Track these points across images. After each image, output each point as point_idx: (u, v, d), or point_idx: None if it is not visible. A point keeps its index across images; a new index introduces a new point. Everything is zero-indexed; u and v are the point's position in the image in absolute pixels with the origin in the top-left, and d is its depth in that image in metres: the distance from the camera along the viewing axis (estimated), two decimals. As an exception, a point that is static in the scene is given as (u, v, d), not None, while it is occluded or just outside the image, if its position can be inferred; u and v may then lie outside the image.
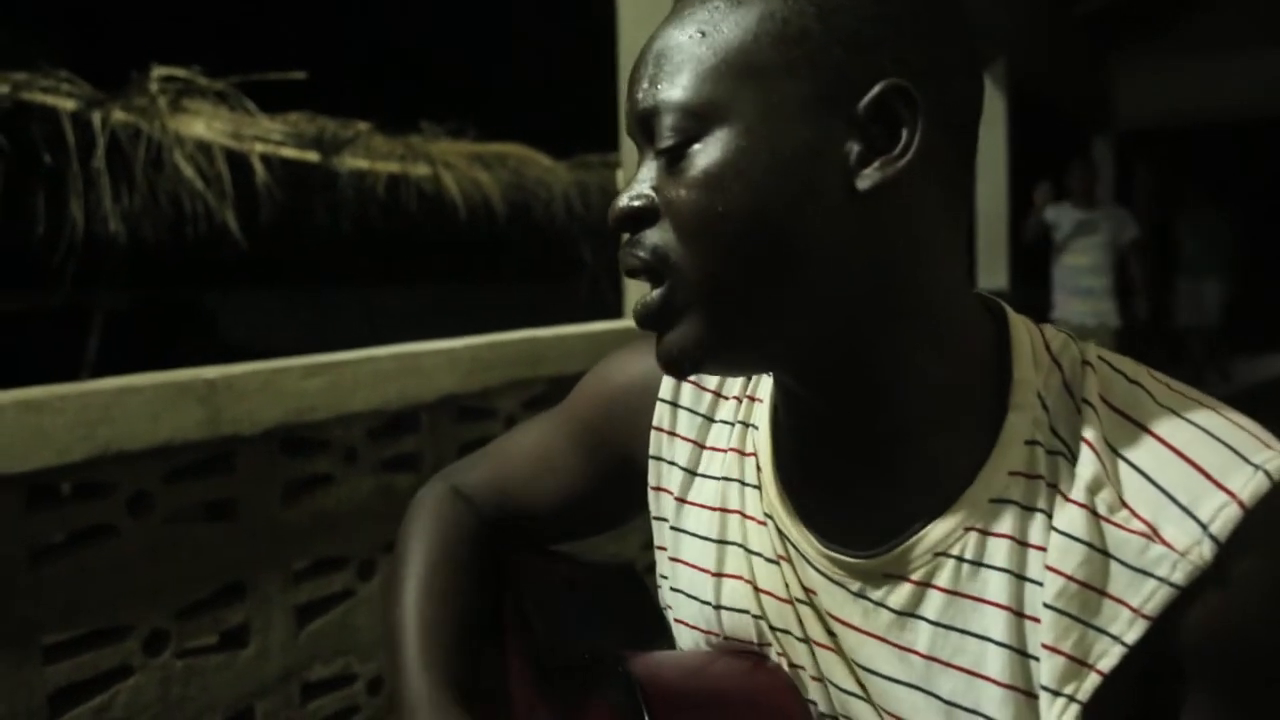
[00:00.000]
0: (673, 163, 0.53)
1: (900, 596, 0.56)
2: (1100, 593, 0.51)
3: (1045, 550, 0.53)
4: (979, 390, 0.55)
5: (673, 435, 0.70)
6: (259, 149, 3.87)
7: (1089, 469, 0.52)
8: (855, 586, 0.58)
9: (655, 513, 0.72)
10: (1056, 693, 0.52)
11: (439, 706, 0.64)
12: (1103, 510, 0.52)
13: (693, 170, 0.52)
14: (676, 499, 0.69)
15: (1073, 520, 0.52)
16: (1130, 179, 8.88)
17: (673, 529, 0.70)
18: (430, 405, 1.63)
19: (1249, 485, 0.49)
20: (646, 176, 0.55)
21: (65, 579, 1.16)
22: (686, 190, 0.52)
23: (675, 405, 0.70)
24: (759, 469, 0.64)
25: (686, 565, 0.68)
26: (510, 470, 0.77)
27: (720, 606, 0.66)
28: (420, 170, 4.86)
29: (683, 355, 0.54)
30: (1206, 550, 0.49)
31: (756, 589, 0.64)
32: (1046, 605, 0.52)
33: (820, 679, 0.62)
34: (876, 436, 0.56)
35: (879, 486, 0.57)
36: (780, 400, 0.62)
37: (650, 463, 0.71)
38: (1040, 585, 0.53)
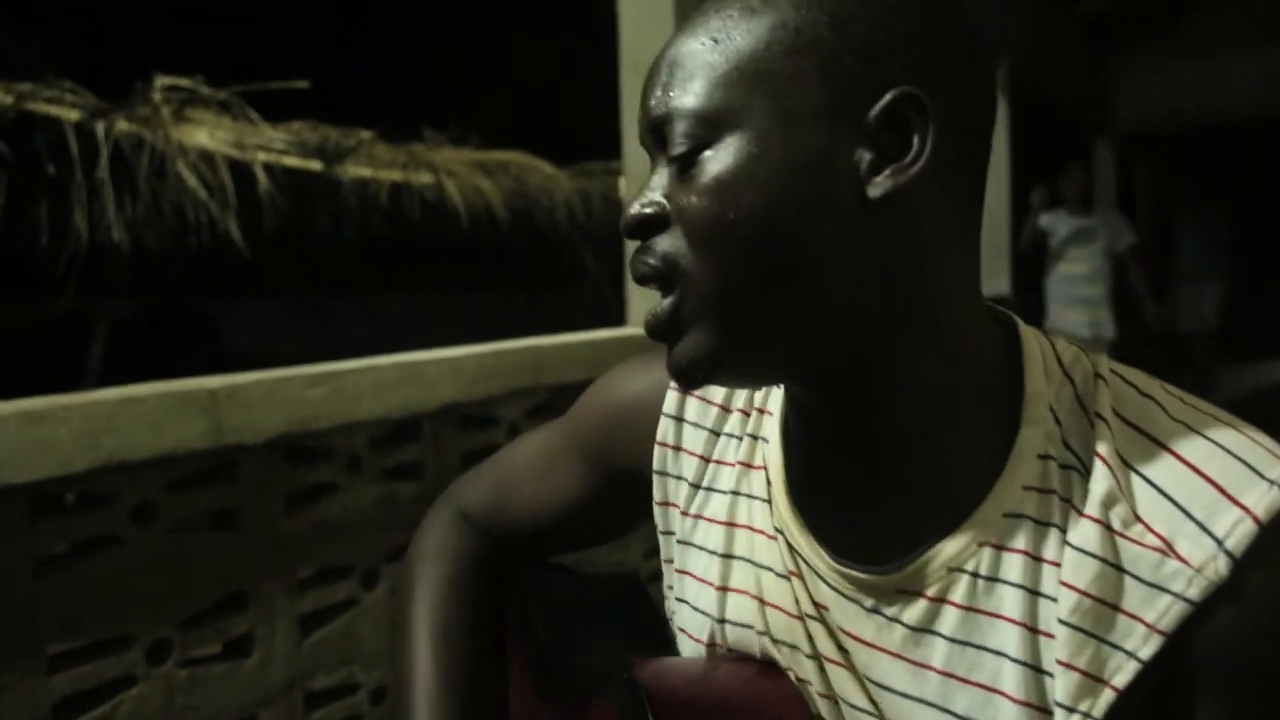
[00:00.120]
0: (684, 170, 0.53)
1: (915, 612, 0.56)
2: (1115, 608, 0.51)
3: (1059, 565, 0.52)
4: (990, 401, 0.55)
5: (678, 450, 0.69)
6: (262, 158, 3.89)
7: (1103, 484, 0.52)
8: (868, 602, 0.57)
9: (662, 527, 0.71)
10: (1071, 709, 0.51)
11: None
12: (1117, 525, 0.51)
13: (704, 177, 0.51)
14: (683, 513, 0.69)
15: (1087, 535, 0.52)
16: (1132, 181, 8.85)
17: (680, 542, 0.69)
18: (433, 414, 1.63)
19: (1264, 500, 0.49)
20: (658, 184, 0.54)
21: (68, 589, 1.16)
22: (698, 197, 0.52)
23: (680, 420, 0.69)
24: (769, 483, 0.63)
25: (692, 578, 0.68)
26: (513, 485, 0.77)
27: (725, 620, 0.65)
28: (423, 178, 4.87)
29: (694, 365, 0.54)
30: (1222, 566, 0.48)
31: (763, 603, 0.63)
32: (1061, 621, 0.52)
33: (829, 696, 0.61)
34: (885, 445, 0.55)
35: (891, 500, 0.56)
36: (790, 411, 0.62)
37: (655, 478, 0.70)
38: (1054, 601, 0.52)
